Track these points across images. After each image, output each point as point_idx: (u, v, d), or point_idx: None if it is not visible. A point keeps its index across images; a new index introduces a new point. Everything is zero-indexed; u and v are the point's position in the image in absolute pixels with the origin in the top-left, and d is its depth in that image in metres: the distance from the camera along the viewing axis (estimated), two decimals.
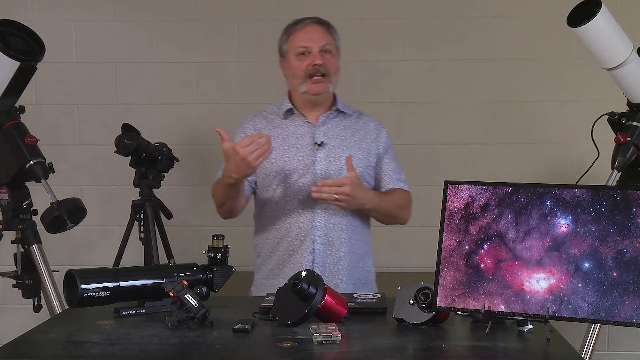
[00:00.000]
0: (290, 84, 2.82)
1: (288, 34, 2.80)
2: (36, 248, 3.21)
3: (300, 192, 2.72)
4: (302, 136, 2.77)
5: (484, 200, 2.08)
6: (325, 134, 2.78)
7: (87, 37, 4.01)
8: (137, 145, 3.30)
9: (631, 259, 1.92)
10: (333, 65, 2.76)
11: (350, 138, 2.80)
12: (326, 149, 2.75)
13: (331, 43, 2.78)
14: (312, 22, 2.79)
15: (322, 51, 2.74)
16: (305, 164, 2.73)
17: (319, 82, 2.73)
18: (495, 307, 2.03)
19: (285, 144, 2.76)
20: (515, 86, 3.92)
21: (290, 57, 2.77)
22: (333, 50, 2.78)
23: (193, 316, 2.08)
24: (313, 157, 2.74)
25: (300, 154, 2.75)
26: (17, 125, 3.13)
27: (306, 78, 2.73)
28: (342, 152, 2.75)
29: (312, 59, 2.72)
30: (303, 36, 2.76)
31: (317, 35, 2.76)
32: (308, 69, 2.72)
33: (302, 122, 2.80)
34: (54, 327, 2.15)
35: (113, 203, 3.97)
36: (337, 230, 2.73)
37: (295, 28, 2.79)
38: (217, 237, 2.38)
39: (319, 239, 2.72)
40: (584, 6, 2.85)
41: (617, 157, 2.97)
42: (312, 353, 1.89)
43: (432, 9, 3.92)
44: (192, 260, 2.41)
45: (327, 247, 2.72)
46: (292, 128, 2.80)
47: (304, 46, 2.74)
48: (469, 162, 3.92)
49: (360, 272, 2.80)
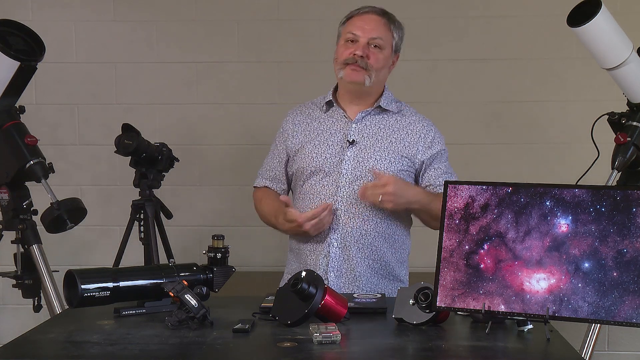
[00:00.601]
0: (334, 68, 2.71)
1: (347, 17, 2.71)
2: (36, 248, 3.21)
3: (323, 190, 2.65)
4: (336, 132, 2.68)
5: (484, 200, 2.08)
6: (360, 131, 2.67)
7: (87, 37, 4.01)
8: (137, 145, 3.30)
9: (631, 259, 1.92)
10: (377, 61, 2.64)
11: (387, 138, 2.67)
12: (357, 148, 2.64)
13: (384, 38, 2.66)
14: (372, 12, 2.68)
15: (371, 44, 2.64)
16: (332, 162, 2.65)
17: (355, 71, 2.63)
18: (495, 307, 2.03)
19: (318, 139, 2.69)
20: (515, 86, 3.92)
21: (341, 40, 2.69)
22: (385, 46, 2.66)
23: (193, 316, 2.08)
24: (342, 156, 2.65)
25: (330, 151, 2.66)
26: (17, 125, 3.13)
27: (345, 64, 2.64)
28: (373, 153, 2.64)
29: (356, 48, 2.63)
30: (358, 23, 2.66)
31: (372, 26, 2.65)
32: (348, 57, 2.63)
33: (340, 117, 2.71)
34: (54, 327, 2.15)
35: (113, 203, 3.97)
36: (356, 234, 2.62)
37: (356, 12, 2.69)
38: (217, 237, 2.38)
39: (336, 242, 2.62)
40: (584, 6, 2.85)
41: (617, 157, 2.97)
42: (312, 353, 1.89)
43: (432, 9, 3.92)
44: (192, 260, 2.41)
45: (343, 250, 2.63)
46: (329, 123, 2.71)
47: (354, 33, 2.64)
48: (469, 162, 3.92)
49: (387, 280, 2.68)
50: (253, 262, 3.89)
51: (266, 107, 3.91)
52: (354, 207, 2.63)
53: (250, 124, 3.96)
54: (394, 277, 2.71)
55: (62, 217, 3.10)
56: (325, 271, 2.63)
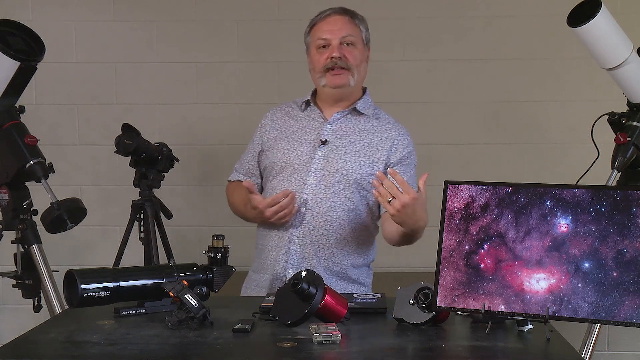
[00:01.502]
0: (313, 79, 2.73)
1: (311, 26, 2.71)
2: (36, 248, 3.21)
3: (290, 187, 2.62)
4: (311, 131, 2.69)
5: (484, 200, 2.08)
6: (333, 132, 2.68)
7: (87, 37, 4.01)
8: (137, 145, 3.30)
9: (631, 259, 1.92)
10: (354, 57, 2.64)
11: (360, 141, 2.67)
12: (328, 148, 2.65)
13: (354, 34, 2.66)
14: (334, 13, 2.67)
15: (343, 43, 2.63)
16: (302, 160, 2.64)
17: (337, 75, 2.62)
18: (495, 307, 2.03)
19: (292, 136, 2.70)
20: (515, 86, 3.92)
21: (312, 50, 2.69)
22: (356, 42, 2.66)
23: (193, 316, 2.08)
24: (312, 154, 2.65)
25: (301, 148, 2.66)
26: (17, 125, 3.13)
27: (325, 71, 2.64)
28: (344, 154, 2.64)
29: (331, 52, 2.62)
30: (324, 28, 2.65)
31: (338, 26, 2.64)
32: (327, 63, 2.63)
33: (317, 117, 2.72)
34: (54, 327, 2.15)
35: (113, 203, 3.98)
36: (317, 233, 2.61)
37: (318, 19, 2.69)
38: (217, 237, 2.38)
39: (297, 238, 2.61)
40: (584, 6, 2.85)
41: (617, 157, 2.97)
42: (312, 353, 1.89)
43: (432, 9, 3.92)
44: (192, 260, 2.41)
45: (302, 248, 2.61)
46: (306, 122, 2.72)
47: (324, 38, 2.64)
48: (469, 162, 3.92)
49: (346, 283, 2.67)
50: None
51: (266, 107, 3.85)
52: (319, 205, 2.61)
53: (250, 124, 3.95)
54: (353, 280, 2.69)
55: (62, 217, 3.10)
56: (284, 267, 2.62)
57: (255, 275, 2.76)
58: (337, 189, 2.63)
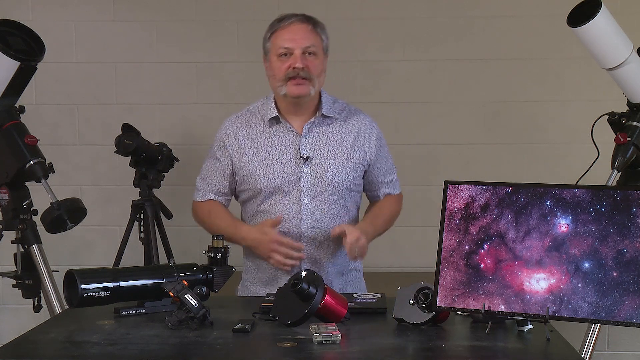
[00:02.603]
0: (271, 85, 2.69)
1: (272, 31, 2.67)
2: (36, 248, 3.21)
3: (285, 210, 2.63)
4: (287, 148, 2.65)
5: (484, 200, 2.08)
6: (310, 145, 2.65)
7: (87, 37, 4.01)
8: (137, 145, 3.30)
9: (631, 259, 1.92)
10: (316, 68, 2.61)
11: (338, 148, 2.67)
12: (312, 163, 2.63)
13: (316, 44, 2.63)
14: (296, 21, 2.63)
15: (305, 53, 2.60)
16: (290, 181, 2.62)
17: (299, 85, 2.59)
18: (495, 307, 2.03)
19: (269, 157, 2.64)
20: (515, 86, 3.92)
21: (272, 57, 2.65)
22: (318, 52, 2.63)
23: (193, 316, 2.08)
24: (299, 173, 2.63)
25: (285, 170, 2.63)
26: (17, 125, 3.13)
27: (286, 80, 2.60)
28: (330, 167, 2.64)
29: (293, 62, 2.58)
30: (286, 36, 2.62)
31: (301, 35, 2.61)
32: (288, 72, 2.59)
33: (287, 131, 2.66)
34: (54, 327, 2.15)
35: (113, 203, 3.97)
36: (325, 248, 2.66)
37: (279, 26, 2.64)
38: (217, 237, 2.38)
39: (307, 258, 2.63)
40: (584, 6, 2.85)
41: (617, 157, 2.97)
42: (312, 353, 1.89)
43: (432, 9, 3.92)
44: (192, 260, 2.41)
45: (314, 264, 2.63)
46: (277, 138, 2.66)
47: (286, 47, 2.61)
48: (469, 162, 3.92)
49: (346, 275, 2.74)
50: None
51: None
52: (319, 222, 2.64)
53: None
54: (351, 269, 2.76)
55: (62, 217, 3.10)
56: None
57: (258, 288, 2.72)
58: (333, 201, 2.66)
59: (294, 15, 2.65)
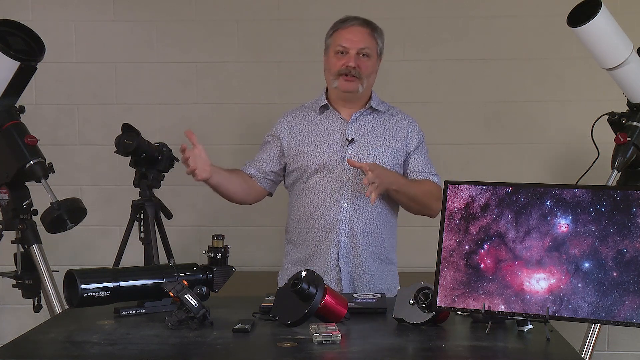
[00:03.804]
0: (326, 77, 2.91)
1: (333, 30, 2.89)
2: (36, 248, 3.21)
3: (328, 186, 2.81)
4: (334, 132, 2.86)
5: (484, 200, 2.08)
6: (356, 130, 2.86)
7: (87, 37, 4.01)
8: (137, 145, 3.29)
9: (631, 259, 1.92)
10: (367, 68, 2.84)
11: (381, 136, 2.87)
12: (356, 145, 2.83)
13: (371, 47, 2.85)
14: (357, 24, 2.87)
15: (360, 54, 2.82)
16: (335, 160, 2.82)
17: (349, 81, 2.82)
18: (495, 307, 2.03)
19: (318, 139, 2.86)
20: (515, 86, 3.92)
21: (331, 52, 2.87)
22: (371, 54, 2.86)
23: (193, 316, 2.08)
24: (343, 153, 2.82)
25: (331, 149, 2.83)
26: (17, 125, 3.13)
27: (338, 75, 2.82)
28: (372, 150, 2.84)
29: (347, 60, 2.81)
30: (346, 36, 2.84)
31: (359, 37, 2.84)
32: (341, 68, 2.82)
33: (336, 118, 2.89)
34: (54, 327, 2.16)
35: (113, 203, 3.97)
36: (361, 224, 2.80)
37: (341, 26, 2.87)
38: (217, 237, 2.39)
39: (344, 232, 2.79)
40: (584, 6, 2.86)
41: (617, 157, 2.97)
42: (312, 353, 1.89)
43: (432, 9, 3.92)
44: (192, 260, 2.41)
45: (351, 239, 2.79)
46: (326, 124, 2.89)
47: (343, 46, 2.83)
48: (469, 162, 3.92)
49: (384, 264, 2.87)
50: (253, 262, 3.89)
51: (266, 107, 3.91)
52: (358, 199, 2.80)
53: (250, 124, 3.96)
54: (389, 261, 2.90)
55: (62, 217, 3.10)
56: (336, 259, 2.79)
57: (299, 267, 2.82)
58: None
59: (356, 18, 2.89)
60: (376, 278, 2.82)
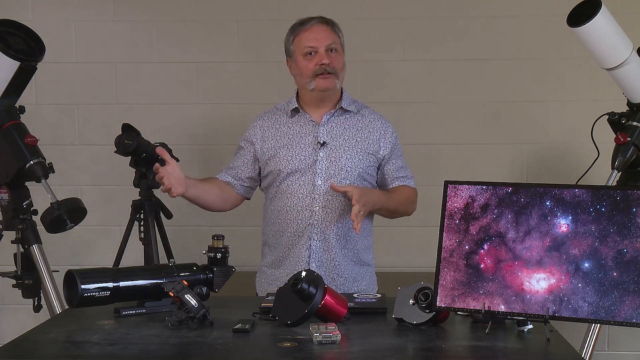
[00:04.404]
0: (298, 82, 2.90)
1: (294, 34, 2.88)
2: (36, 248, 3.21)
3: (300, 189, 2.81)
4: (306, 135, 2.86)
5: (484, 200, 2.08)
6: (328, 133, 2.85)
7: (87, 37, 4.01)
8: (137, 145, 3.29)
9: (631, 259, 1.92)
10: (339, 63, 2.84)
11: (353, 138, 2.86)
12: (328, 148, 2.82)
13: (336, 41, 2.86)
14: (317, 22, 2.86)
15: (328, 50, 2.82)
16: (307, 163, 2.82)
17: (327, 79, 2.81)
18: (495, 307, 2.03)
19: (290, 143, 2.86)
20: (515, 86, 3.92)
21: (298, 57, 2.86)
22: (338, 49, 2.86)
23: (193, 316, 2.08)
24: (315, 157, 2.82)
25: (303, 153, 2.83)
26: (17, 125, 3.13)
27: (314, 76, 2.82)
28: (344, 152, 2.82)
29: (319, 59, 2.81)
30: (309, 36, 2.84)
31: (323, 35, 2.84)
32: (316, 69, 2.81)
33: (307, 121, 2.88)
34: (54, 327, 2.16)
35: (113, 203, 3.97)
36: (334, 227, 2.80)
37: (302, 29, 2.87)
38: (217, 237, 2.39)
39: (316, 236, 2.79)
40: (584, 6, 2.86)
41: (617, 157, 2.97)
42: (312, 353, 1.89)
43: (432, 9, 3.92)
44: (192, 260, 2.41)
45: (323, 243, 2.79)
46: (297, 127, 2.88)
47: (311, 46, 2.82)
48: (469, 162, 3.92)
49: (359, 266, 2.87)
50: (253, 262, 3.89)
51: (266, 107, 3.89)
52: (331, 202, 2.80)
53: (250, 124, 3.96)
54: (363, 262, 2.89)
55: (62, 217, 3.10)
56: (308, 262, 2.80)
57: (272, 270, 2.89)
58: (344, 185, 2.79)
59: (313, 18, 2.89)
60: (351, 281, 2.82)
